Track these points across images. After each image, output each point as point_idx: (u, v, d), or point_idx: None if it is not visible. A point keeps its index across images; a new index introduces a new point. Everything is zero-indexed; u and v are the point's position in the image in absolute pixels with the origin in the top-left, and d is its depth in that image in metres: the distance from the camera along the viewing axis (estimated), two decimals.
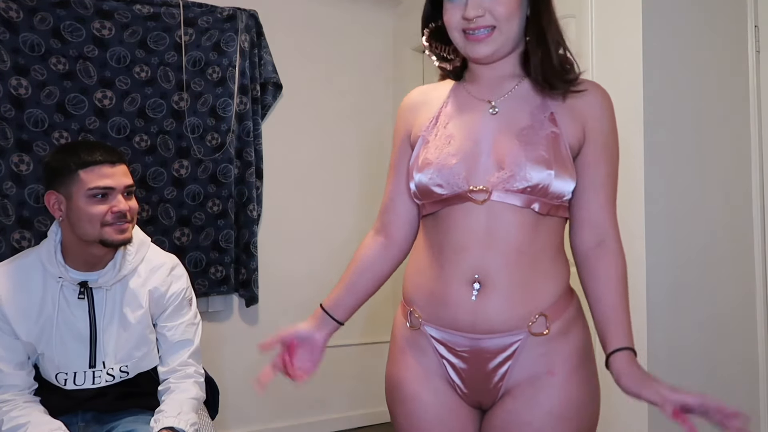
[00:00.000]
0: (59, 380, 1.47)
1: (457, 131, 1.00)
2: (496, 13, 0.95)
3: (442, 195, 0.97)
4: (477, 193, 0.95)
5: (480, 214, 0.95)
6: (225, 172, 2.86)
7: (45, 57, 2.55)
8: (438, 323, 0.99)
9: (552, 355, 0.97)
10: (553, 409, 0.96)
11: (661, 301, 2.03)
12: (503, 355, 0.97)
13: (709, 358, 2.13)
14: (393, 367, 1.08)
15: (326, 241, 3.18)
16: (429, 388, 1.02)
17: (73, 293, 1.46)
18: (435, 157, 0.98)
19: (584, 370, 1.01)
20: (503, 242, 0.95)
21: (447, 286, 0.97)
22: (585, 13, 2.25)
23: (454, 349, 0.99)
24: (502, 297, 0.95)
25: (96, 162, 1.41)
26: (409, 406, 1.03)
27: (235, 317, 2.99)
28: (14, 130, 2.49)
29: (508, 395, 0.98)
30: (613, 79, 2.14)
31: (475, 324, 0.96)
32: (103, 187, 1.40)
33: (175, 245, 2.75)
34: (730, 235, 2.20)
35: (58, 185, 1.42)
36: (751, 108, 2.26)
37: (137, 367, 1.52)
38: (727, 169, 2.22)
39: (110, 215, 1.41)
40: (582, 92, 1.00)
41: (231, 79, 2.87)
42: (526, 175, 0.93)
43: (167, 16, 2.76)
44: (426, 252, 1.03)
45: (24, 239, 2.48)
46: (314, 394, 3.13)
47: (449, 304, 0.97)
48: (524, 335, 0.96)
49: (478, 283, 0.95)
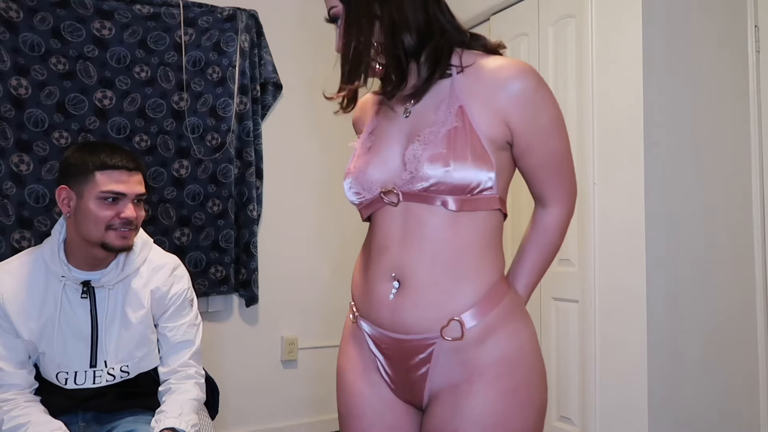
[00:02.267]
0: (60, 379, 1.47)
1: (377, 138, 1.02)
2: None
3: (362, 202, 1.00)
4: (389, 196, 0.96)
5: (397, 215, 0.96)
6: (225, 172, 2.86)
7: (45, 57, 2.55)
8: (368, 319, 1.01)
9: (471, 362, 0.92)
10: (476, 418, 0.90)
11: (661, 300, 2.03)
12: (420, 356, 0.95)
13: (709, 357, 2.13)
14: (339, 356, 1.11)
15: (326, 241, 3.18)
16: (365, 380, 1.03)
17: (76, 292, 1.46)
18: (353, 165, 1.02)
19: (509, 379, 0.92)
20: (419, 242, 0.94)
21: (371, 284, 0.99)
22: (585, 13, 2.25)
23: (380, 345, 1.00)
24: (417, 297, 0.93)
25: (114, 166, 1.42)
26: (347, 394, 1.05)
27: (235, 317, 2.99)
28: (14, 130, 2.49)
29: (435, 400, 0.95)
30: (613, 79, 2.14)
31: (392, 322, 0.96)
32: (115, 192, 1.41)
33: (175, 245, 2.75)
34: (730, 235, 2.20)
35: (72, 181, 1.43)
36: (751, 108, 2.26)
37: (138, 367, 1.53)
38: (727, 169, 2.22)
39: (117, 220, 1.42)
40: (494, 73, 0.94)
41: (231, 79, 2.87)
42: (424, 174, 0.91)
43: (167, 16, 2.76)
44: (363, 251, 1.06)
45: (24, 239, 2.48)
46: (314, 394, 3.13)
47: (373, 302, 0.99)
48: (438, 339, 0.93)
49: (396, 281, 0.95)
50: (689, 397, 2.08)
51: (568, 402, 2.33)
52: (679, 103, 2.12)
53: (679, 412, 2.05)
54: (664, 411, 2.01)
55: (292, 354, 3.08)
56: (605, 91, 2.17)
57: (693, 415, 2.09)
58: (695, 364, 2.10)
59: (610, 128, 2.14)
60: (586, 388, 2.20)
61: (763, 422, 2.20)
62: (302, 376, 3.12)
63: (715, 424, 2.13)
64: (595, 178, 2.19)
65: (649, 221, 2.02)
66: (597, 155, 2.19)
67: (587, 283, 2.21)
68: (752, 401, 2.21)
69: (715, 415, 2.13)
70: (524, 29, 2.62)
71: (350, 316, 1.09)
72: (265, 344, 3.04)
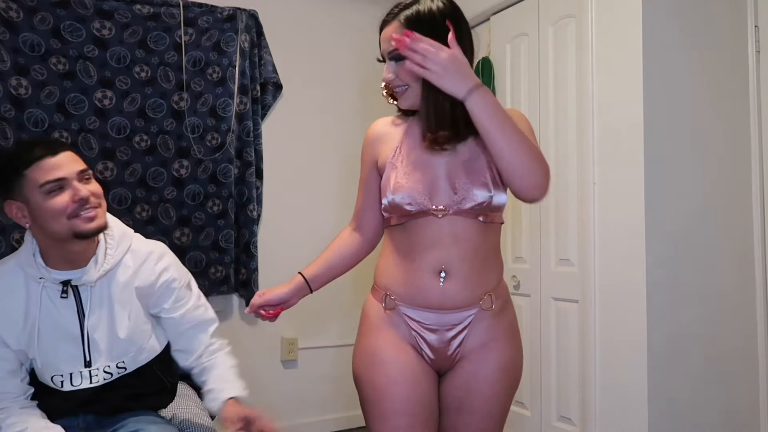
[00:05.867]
0: (55, 383, 1.44)
1: (419, 161, 1.29)
2: (403, 77, 1.26)
3: (411, 211, 1.26)
4: (438, 211, 1.26)
5: (442, 223, 1.26)
6: (225, 172, 2.86)
7: (45, 57, 2.55)
8: (413, 304, 1.28)
9: (496, 326, 1.30)
10: (498, 364, 1.30)
11: (661, 300, 2.03)
12: (459, 327, 1.28)
13: (709, 357, 2.13)
14: (369, 339, 1.34)
15: (326, 241, 3.14)
16: (404, 352, 1.29)
17: (57, 293, 1.42)
18: (405, 182, 1.27)
19: (516, 338, 1.35)
20: (461, 243, 1.25)
21: (419, 275, 1.27)
22: (585, 13, 2.25)
23: (425, 323, 1.29)
24: (463, 283, 1.26)
25: (37, 157, 1.34)
26: (387, 366, 1.28)
27: (235, 317, 2.99)
28: (14, 130, 2.49)
29: (464, 359, 1.30)
30: (613, 79, 2.14)
31: (442, 303, 1.26)
32: (54, 180, 1.34)
33: (175, 245, 2.75)
34: (730, 235, 2.20)
35: (11, 193, 1.37)
36: (751, 108, 2.26)
37: (135, 361, 1.49)
38: (727, 169, 2.22)
39: (72, 205, 1.35)
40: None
41: (231, 79, 2.87)
42: (473, 197, 1.24)
43: (167, 16, 2.76)
44: (396, 251, 1.32)
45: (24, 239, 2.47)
46: (314, 394, 3.13)
47: (422, 289, 1.27)
48: (476, 310, 1.28)
49: (444, 272, 1.25)
50: (689, 397, 2.08)
51: (568, 402, 2.33)
52: (679, 104, 2.12)
53: (679, 412, 2.05)
54: (664, 411, 2.01)
55: (292, 354, 3.08)
56: (605, 91, 2.17)
57: (693, 414, 2.09)
58: (695, 364, 2.10)
59: (610, 128, 2.14)
60: (586, 388, 2.20)
61: (763, 422, 2.20)
62: (302, 376, 3.11)
63: (715, 424, 2.13)
64: (595, 179, 2.19)
65: (649, 221, 2.02)
66: (597, 155, 2.19)
67: (587, 283, 2.21)
68: (752, 401, 2.21)
69: (715, 415, 2.13)
70: (524, 29, 2.62)
71: (381, 306, 1.32)
72: (265, 344, 3.04)
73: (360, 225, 1.47)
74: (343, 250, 1.48)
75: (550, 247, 2.45)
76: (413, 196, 1.25)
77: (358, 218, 1.47)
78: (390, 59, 1.27)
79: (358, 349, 1.36)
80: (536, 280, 2.50)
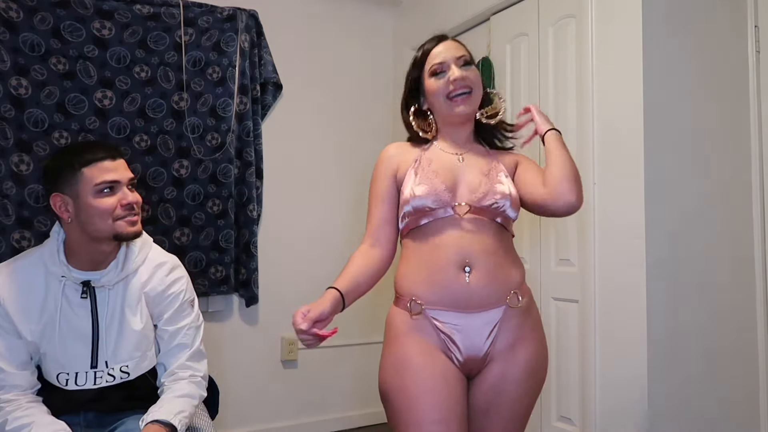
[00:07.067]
0: (60, 380, 1.46)
1: (440, 169, 1.40)
2: (470, 80, 1.42)
3: (434, 208, 1.35)
4: (460, 208, 1.35)
5: (463, 223, 1.34)
6: (225, 172, 2.86)
7: (45, 57, 2.55)
8: (441, 305, 1.30)
9: (523, 325, 1.35)
10: (527, 364, 1.34)
11: (661, 300, 2.03)
12: (489, 328, 1.31)
13: (709, 357, 2.13)
14: (397, 347, 1.33)
15: (326, 241, 3.18)
16: (434, 358, 1.29)
17: (76, 293, 1.46)
18: (428, 181, 1.37)
19: (542, 336, 1.41)
20: (482, 238, 1.33)
21: (445, 273, 1.31)
22: (585, 13, 2.25)
23: (453, 324, 1.30)
24: (487, 276, 1.31)
25: (98, 158, 1.44)
26: (418, 373, 1.28)
27: (235, 317, 2.99)
28: (14, 130, 2.49)
29: (493, 361, 1.33)
30: (613, 79, 2.14)
31: (470, 299, 1.30)
32: (109, 181, 1.44)
33: (175, 245, 2.75)
34: (730, 236, 2.20)
35: (62, 186, 1.43)
36: (751, 108, 2.26)
37: (138, 367, 1.52)
38: (727, 169, 2.21)
39: (120, 208, 1.44)
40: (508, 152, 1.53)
41: (231, 79, 2.87)
42: (493, 194, 1.36)
43: (167, 16, 2.76)
44: (419, 255, 1.36)
45: (24, 239, 2.48)
46: (314, 394, 3.13)
47: (448, 287, 1.30)
48: (504, 308, 1.32)
49: (468, 266, 1.30)
50: (689, 397, 2.08)
51: (569, 402, 2.33)
52: (679, 103, 2.12)
53: (679, 411, 2.05)
54: (664, 411, 2.01)
55: (292, 354, 3.08)
56: (605, 91, 2.17)
57: (693, 414, 2.08)
58: (695, 364, 2.10)
59: (610, 128, 2.14)
60: (586, 388, 2.20)
61: (763, 422, 2.20)
62: (302, 376, 3.11)
63: (715, 424, 2.13)
64: (595, 179, 2.19)
65: (649, 221, 2.02)
66: (597, 155, 2.19)
67: (587, 283, 2.21)
68: (752, 401, 2.21)
69: (715, 415, 2.13)
70: (524, 29, 2.62)
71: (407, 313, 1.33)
72: (265, 344, 3.04)
73: (378, 239, 1.43)
74: (367, 268, 1.39)
75: (550, 247, 2.46)
76: (436, 194, 1.35)
77: (375, 233, 1.44)
78: (460, 66, 1.42)
79: (385, 359, 1.35)
80: (536, 280, 2.50)
